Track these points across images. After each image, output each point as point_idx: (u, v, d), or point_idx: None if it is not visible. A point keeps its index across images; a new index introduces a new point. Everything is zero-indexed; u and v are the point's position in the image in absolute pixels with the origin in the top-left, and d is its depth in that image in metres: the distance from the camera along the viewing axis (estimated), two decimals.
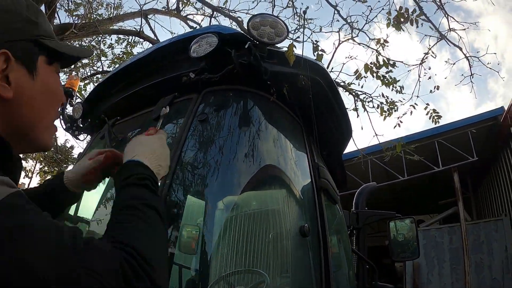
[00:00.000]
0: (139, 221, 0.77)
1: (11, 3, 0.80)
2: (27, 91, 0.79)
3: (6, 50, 0.74)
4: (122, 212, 0.80)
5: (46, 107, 0.86)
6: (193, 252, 1.39)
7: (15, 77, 0.77)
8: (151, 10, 8.06)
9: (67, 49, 0.90)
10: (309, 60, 1.66)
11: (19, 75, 0.77)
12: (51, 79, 0.87)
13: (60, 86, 0.90)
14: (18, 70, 0.77)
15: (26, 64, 0.80)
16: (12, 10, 0.79)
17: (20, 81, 0.78)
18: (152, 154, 0.99)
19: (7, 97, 0.75)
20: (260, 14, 1.46)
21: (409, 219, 3.10)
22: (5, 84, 0.75)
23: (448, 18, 5.25)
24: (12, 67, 0.76)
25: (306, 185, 1.75)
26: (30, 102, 0.80)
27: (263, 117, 1.69)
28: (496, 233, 8.42)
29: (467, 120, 9.39)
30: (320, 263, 1.53)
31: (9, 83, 0.76)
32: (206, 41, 1.54)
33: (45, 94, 0.84)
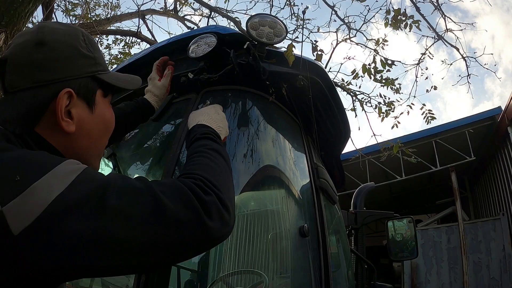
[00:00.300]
0: (203, 159, 0.93)
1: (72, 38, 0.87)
2: (87, 124, 0.88)
3: (70, 89, 0.82)
4: (190, 157, 0.96)
5: (101, 137, 0.95)
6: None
7: (77, 112, 0.85)
8: (149, 10, 8.05)
9: (120, 83, 0.98)
10: (308, 60, 1.66)
11: (80, 110, 0.86)
12: (106, 110, 0.96)
13: (112, 115, 0.99)
14: (80, 106, 0.86)
15: (87, 99, 0.88)
16: (73, 45, 0.87)
17: (81, 116, 0.86)
18: (210, 118, 1.19)
19: (70, 131, 0.83)
20: (259, 14, 1.46)
21: (407, 219, 3.11)
22: (68, 119, 0.83)
23: (445, 18, 5.27)
24: (74, 103, 0.84)
25: (305, 185, 1.75)
26: (88, 134, 0.89)
27: (262, 117, 1.69)
28: (494, 232, 8.43)
29: (465, 120, 9.41)
30: (319, 263, 1.53)
31: (71, 117, 0.84)
32: (205, 42, 1.54)
33: (101, 125, 0.93)
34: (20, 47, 0.83)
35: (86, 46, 0.90)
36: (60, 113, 0.81)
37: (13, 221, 0.58)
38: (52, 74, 0.82)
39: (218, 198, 0.79)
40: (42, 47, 0.82)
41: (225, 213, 0.78)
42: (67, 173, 0.66)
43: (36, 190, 0.61)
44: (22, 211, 0.59)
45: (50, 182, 0.62)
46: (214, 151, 0.98)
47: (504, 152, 8.74)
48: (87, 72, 0.88)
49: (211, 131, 1.10)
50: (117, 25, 8.34)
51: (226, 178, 0.91)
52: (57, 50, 0.84)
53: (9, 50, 0.84)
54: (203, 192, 0.77)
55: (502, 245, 8.17)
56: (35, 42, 0.83)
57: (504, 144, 8.65)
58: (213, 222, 0.75)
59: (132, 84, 1.05)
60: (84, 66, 0.88)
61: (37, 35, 0.84)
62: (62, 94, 0.81)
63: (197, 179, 0.81)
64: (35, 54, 0.81)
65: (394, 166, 9.35)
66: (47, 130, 0.81)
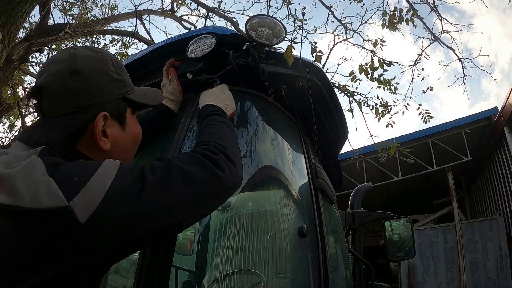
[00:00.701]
0: (211, 129, 1.12)
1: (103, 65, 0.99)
2: (120, 141, 1.02)
3: (105, 112, 0.95)
4: (202, 131, 1.15)
5: (131, 150, 1.11)
6: (188, 254, 1.39)
7: (111, 132, 0.98)
8: (146, 10, 8.03)
9: (146, 100, 1.11)
10: (307, 61, 1.66)
11: (114, 130, 0.99)
12: (135, 126, 1.10)
13: (140, 129, 1.13)
14: (113, 126, 0.99)
15: (119, 119, 1.01)
16: (105, 71, 0.98)
17: (115, 135, 1.00)
18: (216, 98, 1.34)
19: (106, 148, 0.96)
20: (258, 15, 1.46)
21: (404, 219, 3.12)
22: (105, 139, 0.96)
23: (442, 20, 5.30)
24: (108, 124, 0.97)
25: (303, 186, 1.75)
26: (121, 149, 1.03)
27: (261, 118, 1.69)
28: (491, 232, 8.46)
29: (461, 121, 9.44)
30: (318, 263, 1.53)
31: (106, 136, 0.97)
32: (204, 42, 1.54)
33: (131, 140, 1.08)
34: (55, 76, 0.92)
35: (115, 69, 1.01)
36: (98, 134, 0.94)
37: (80, 212, 0.71)
38: (89, 100, 0.94)
39: (225, 155, 0.97)
40: (77, 76, 0.93)
41: (232, 167, 0.97)
42: (111, 168, 0.80)
43: (93, 184, 0.74)
44: (86, 202, 0.72)
45: (102, 176, 0.77)
46: (219, 122, 1.17)
47: (500, 152, 8.78)
48: (118, 94, 1.01)
49: (217, 109, 1.27)
50: (114, 25, 8.32)
51: (231, 140, 1.10)
52: (91, 78, 0.94)
53: (44, 78, 0.93)
54: (212, 153, 0.95)
55: (498, 244, 8.21)
56: (70, 71, 0.92)
57: (500, 144, 8.68)
58: (224, 173, 0.93)
59: (156, 99, 1.17)
60: (115, 89, 1.00)
61: (71, 63, 0.93)
62: (99, 117, 0.94)
63: (206, 144, 1.01)
64: (71, 83, 0.92)
65: (391, 166, 9.38)
66: (86, 148, 0.94)
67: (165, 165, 0.87)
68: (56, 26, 6.35)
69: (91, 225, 0.71)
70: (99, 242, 0.73)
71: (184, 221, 0.88)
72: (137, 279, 1.14)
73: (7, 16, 4.17)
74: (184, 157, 0.93)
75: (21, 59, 5.67)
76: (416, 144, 8.88)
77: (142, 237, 0.80)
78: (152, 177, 0.82)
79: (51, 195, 0.71)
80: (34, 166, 0.75)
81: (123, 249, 0.80)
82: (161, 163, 0.88)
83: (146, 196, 0.79)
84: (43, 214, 0.69)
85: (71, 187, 0.73)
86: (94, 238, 0.72)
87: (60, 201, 0.70)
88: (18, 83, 8.52)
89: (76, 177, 0.75)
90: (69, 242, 0.70)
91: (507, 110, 7.78)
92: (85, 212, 0.71)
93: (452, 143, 9.23)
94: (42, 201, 0.70)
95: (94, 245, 0.73)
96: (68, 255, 0.70)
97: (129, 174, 0.81)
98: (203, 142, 1.03)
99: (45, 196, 0.70)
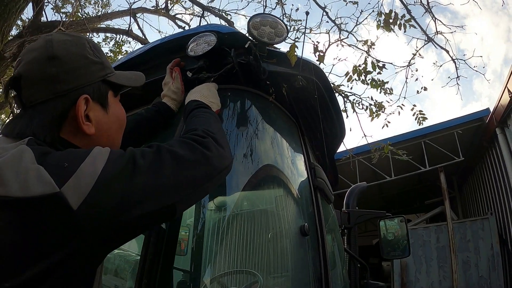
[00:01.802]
0: (197, 119, 1.16)
1: (80, 48, 0.96)
2: (104, 125, 0.99)
3: (87, 95, 0.93)
4: (188, 122, 1.18)
5: (117, 133, 1.08)
6: (182, 253, 1.39)
7: (94, 115, 0.96)
8: (140, 9, 7.99)
9: (127, 81, 1.09)
10: (308, 61, 1.66)
11: (97, 113, 0.97)
12: (118, 108, 1.08)
13: (123, 112, 1.11)
14: (96, 109, 0.97)
15: (101, 102, 0.99)
16: (82, 54, 0.96)
17: (98, 118, 0.97)
18: (201, 95, 1.35)
19: (91, 133, 0.94)
20: (260, 14, 1.46)
21: (398, 218, 3.14)
22: (88, 123, 0.94)
23: (436, 21, 5.34)
24: (91, 107, 0.95)
25: (303, 185, 1.75)
26: (106, 133, 1.01)
27: (261, 117, 1.69)
28: (483, 231, 8.54)
29: (453, 121, 9.51)
30: (318, 262, 1.54)
31: (90, 120, 0.94)
32: (204, 40, 1.53)
33: (116, 123, 1.05)
34: (32, 63, 0.91)
35: (93, 52, 0.99)
36: (81, 118, 0.91)
37: (72, 198, 0.69)
38: (69, 84, 0.91)
39: (213, 139, 0.99)
40: (55, 61, 0.91)
41: (220, 148, 0.99)
42: (102, 153, 0.79)
43: (84, 169, 0.74)
44: (78, 187, 0.71)
45: (93, 161, 0.76)
46: (206, 113, 1.21)
47: (492, 153, 8.86)
48: (98, 76, 0.99)
49: (202, 103, 1.30)
50: (108, 23, 8.27)
51: (217, 127, 1.12)
52: (69, 62, 0.92)
53: (21, 67, 0.91)
54: (201, 137, 0.98)
55: (490, 244, 8.29)
56: (47, 57, 0.91)
57: (492, 145, 8.76)
58: (213, 154, 0.95)
59: (137, 81, 1.14)
60: (95, 72, 0.98)
61: (47, 49, 0.92)
62: (80, 100, 0.92)
63: (194, 129, 1.03)
64: (49, 68, 0.90)
65: (383, 166, 9.42)
66: (70, 134, 0.92)
67: (155, 150, 0.87)
68: (49, 23, 6.29)
69: (84, 211, 0.70)
70: (94, 228, 0.72)
71: (178, 203, 0.87)
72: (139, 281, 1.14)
73: (1, 12, 4.13)
74: (173, 142, 0.93)
75: (14, 56, 5.61)
76: (409, 145, 8.95)
77: (136, 221, 0.79)
78: (143, 161, 0.82)
79: (41, 182, 0.69)
80: (22, 155, 0.74)
81: (118, 235, 0.79)
82: (151, 148, 0.88)
83: (138, 178, 0.79)
84: (34, 202, 0.68)
85: (61, 173, 0.72)
86: (89, 224, 0.71)
87: (51, 187, 0.69)
88: None
89: (67, 163, 0.74)
90: (63, 229, 0.69)
91: (499, 111, 7.86)
92: (77, 198, 0.70)
93: (444, 144, 9.29)
94: (32, 189, 0.68)
95: (89, 231, 0.72)
96: (63, 243, 0.69)
97: (120, 158, 0.80)
98: (191, 129, 1.06)
99: (35, 183, 0.69)
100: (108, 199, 0.74)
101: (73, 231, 0.70)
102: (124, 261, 1.72)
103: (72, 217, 0.69)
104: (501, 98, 7.63)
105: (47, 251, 0.68)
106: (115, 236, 0.79)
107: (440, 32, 5.38)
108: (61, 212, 0.69)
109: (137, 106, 1.79)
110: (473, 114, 9.37)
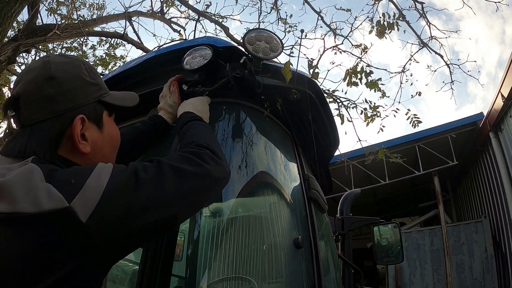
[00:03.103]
0: (195, 131, 1.20)
1: (77, 70, 1.01)
2: (99, 144, 1.03)
3: (83, 115, 0.97)
4: (185, 134, 1.21)
5: (111, 152, 1.11)
6: (177, 259, 1.40)
7: (90, 134, 1.00)
8: (135, 12, 7.97)
9: (122, 102, 1.13)
10: (302, 74, 1.68)
11: (92, 132, 1.01)
12: (112, 128, 1.11)
13: (118, 132, 1.15)
14: (91, 128, 1.01)
15: (96, 122, 1.03)
16: (79, 75, 1.00)
17: (93, 137, 1.01)
18: (195, 108, 1.39)
19: (86, 151, 0.98)
20: (255, 29, 1.47)
21: (392, 224, 3.17)
22: (84, 142, 0.97)
23: (430, 26, 5.39)
24: (87, 127, 0.99)
25: (297, 196, 1.77)
26: (101, 152, 1.04)
27: (256, 130, 1.71)
28: (476, 234, 8.60)
29: (447, 125, 9.56)
30: (312, 271, 1.55)
31: (85, 139, 0.98)
32: (200, 54, 1.55)
33: (110, 142, 1.09)
34: (31, 84, 0.94)
35: (88, 74, 1.03)
36: (77, 138, 0.95)
37: (81, 211, 0.74)
38: (65, 104, 0.95)
39: (211, 151, 1.04)
40: (53, 82, 0.94)
41: (218, 160, 1.04)
42: (105, 168, 0.84)
43: (91, 184, 0.78)
44: (85, 201, 0.75)
45: (98, 176, 0.80)
46: (200, 125, 1.27)
47: (485, 157, 8.93)
48: (94, 97, 1.03)
49: (195, 115, 1.34)
50: (103, 26, 8.24)
51: (213, 139, 1.18)
52: (66, 83, 0.96)
53: (20, 87, 0.95)
54: (198, 149, 1.03)
55: (484, 247, 8.36)
56: (45, 78, 0.94)
57: (485, 148, 8.83)
58: (211, 166, 0.99)
59: (131, 101, 1.19)
60: (91, 93, 1.02)
61: (45, 71, 0.95)
62: (76, 120, 0.95)
63: (191, 142, 1.08)
64: (47, 89, 0.94)
65: (378, 170, 9.46)
66: (68, 152, 0.95)
67: (156, 164, 0.91)
68: (44, 26, 6.26)
69: (92, 223, 0.74)
70: (101, 240, 0.76)
71: (179, 213, 0.92)
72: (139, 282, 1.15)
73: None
74: (173, 156, 0.98)
75: (9, 59, 5.59)
76: (403, 149, 8.99)
77: (141, 232, 0.84)
78: (145, 175, 0.86)
79: (51, 198, 0.73)
80: (32, 173, 0.77)
81: (123, 245, 0.84)
82: (152, 163, 0.92)
83: (141, 191, 0.83)
84: (45, 217, 0.72)
85: (70, 189, 0.76)
86: (97, 236, 0.75)
87: (61, 202, 0.73)
88: (4, 84, 8.39)
89: (74, 179, 0.78)
90: (73, 242, 0.73)
91: (493, 115, 7.92)
92: (85, 211, 0.74)
93: (438, 148, 9.34)
94: (43, 205, 0.72)
95: (97, 243, 0.76)
96: (73, 255, 0.73)
97: (123, 173, 0.84)
98: (188, 142, 1.10)
99: (46, 199, 0.73)
100: (114, 212, 0.78)
101: (83, 242, 0.74)
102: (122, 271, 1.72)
103: (81, 230, 0.73)
104: (495, 102, 7.69)
105: (59, 263, 0.72)
106: (121, 246, 0.84)
107: (435, 37, 5.44)
108: (71, 225, 0.73)
109: (131, 116, 1.80)
110: (467, 118, 9.43)
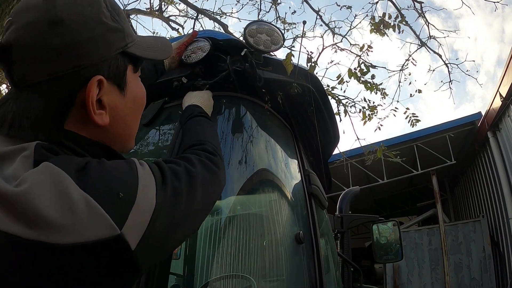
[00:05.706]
0: (203, 128, 1.16)
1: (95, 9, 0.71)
2: (120, 111, 0.78)
3: (100, 76, 0.70)
4: (193, 127, 1.18)
5: (135, 119, 0.86)
6: (175, 257, 1.38)
7: (109, 100, 0.74)
8: (134, 10, 7.95)
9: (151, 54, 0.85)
10: (303, 68, 1.67)
11: (112, 97, 0.75)
12: (138, 87, 0.85)
13: (144, 90, 0.89)
14: (111, 91, 0.75)
15: (117, 82, 0.76)
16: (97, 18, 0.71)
17: (114, 103, 0.76)
18: (202, 102, 1.36)
19: (105, 124, 0.73)
20: (256, 22, 1.46)
21: (391, 222, 3.16)
22: (101, 111, 0.72)
23: (429, 26, 5.39)
24: (105, 90, 0.72)
25: (297, 192, 1.76)
26: (122, 122, 0.80)
27: (256, 124, 1.69)
28: (474, 234, 8.62)
29: (445, 125, 9.58)
30: (313, 268, 1.54)
31: (103, 107, 0.73)
32: (198, 46, 1.54)
33: (134, 105, 0.83)
34: (28, 29, 0.66)
35: (110, 14, 0.73)
36: (92, 106, 0.69)
37: (131, 238, 0.58)
38: (77, 60, 0.68)
39: (220, 156, 1.00)
40: (59, 27, 0.66)
41: (223, 166, 1.00)
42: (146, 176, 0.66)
43: (141, 202, 0.62)
44: (137, 224, 0.60)
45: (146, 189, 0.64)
46: (208, 123, 1.22)
47: (483, 156, 8.94)
48: (117, 48, 0.74)
49: (202, 110, 1.30)
50: None
51: (218, 141, 1.14)
52: (79, 30, 0.67)
53: (12, 32, 0.67)
54: (213, 155, 0.95)
55: (482, 246, 8.38)
56: (48, 21, 0.66)
57: (483, 148, 8.84)
58: (221, 172, 0.94)
59: (164, 52, 0.92)
60: (113, 43, 0.74)
61: (48, 10, 0.66)
62: (92, 83, 0.68)
63: (203, 143, 1.02)
64: (51, 38, 0.65)
65: (376, 169, 9.45)
66: (77, 126, 0.71)
67: (184, 170, 0.76)
68: None
69: (141, 249, 0.60)
70: (145, 263, 0.63)
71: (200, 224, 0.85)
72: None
73: None
74: (193, 160, 0.83)
75: None
76: (401, 148, 8.99)
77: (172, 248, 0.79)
78: (178, 184, 0.71)
79: (97, 221, 0.55)
80: (60, 181, 0.55)
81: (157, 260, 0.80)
82: (179, 167, 0.76)
83: (179, 207, 0.70)
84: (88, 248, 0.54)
85: (118, 207, 0.58)
86: (142, 260, 0.61)
87: (111, 229, 0.56)
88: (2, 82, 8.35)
89: (121, 191, 0.59)
90: (120, 270, 0.59)
91: (491, 115, 7.93)
92: (136, 237, 0.59)
93: (436, 147, 9.36)
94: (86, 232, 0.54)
95: (141, 266, 0.62)
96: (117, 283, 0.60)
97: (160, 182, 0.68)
98: (201, 141, 1.03)
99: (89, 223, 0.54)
100: (159, 232, 0.64)
101: (129, 269, 0.61)
102: None
103: (131, 258, 0.59)
104: (493, 102, 7.70)
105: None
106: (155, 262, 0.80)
107: (433, 37, 5.45)
108: (121, 255, 0.58)
109: None
110: (465, 118, 9.46)
